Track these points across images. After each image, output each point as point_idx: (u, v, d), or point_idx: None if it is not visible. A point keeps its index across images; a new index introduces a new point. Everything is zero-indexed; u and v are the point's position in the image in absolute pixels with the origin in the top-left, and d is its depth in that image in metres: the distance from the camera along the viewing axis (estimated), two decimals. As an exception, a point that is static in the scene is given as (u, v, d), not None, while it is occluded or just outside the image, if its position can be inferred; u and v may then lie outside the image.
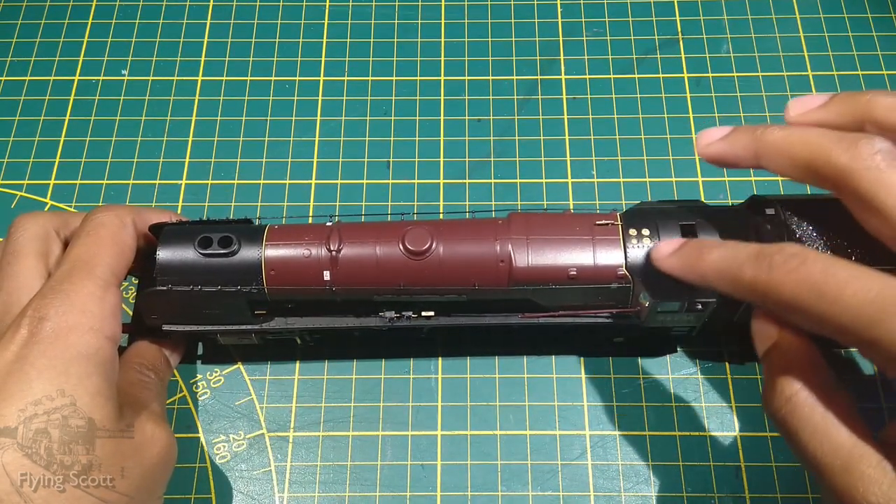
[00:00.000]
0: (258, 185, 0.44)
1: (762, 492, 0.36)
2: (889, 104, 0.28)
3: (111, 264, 0.31)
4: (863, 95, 0.29)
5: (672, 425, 0.38)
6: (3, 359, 0.28)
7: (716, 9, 0.49)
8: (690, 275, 0.30)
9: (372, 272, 0.34)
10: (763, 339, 0.29)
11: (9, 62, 0.49)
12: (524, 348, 0.39)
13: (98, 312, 0.29)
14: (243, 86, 0.48)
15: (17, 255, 0.32)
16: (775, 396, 0.28)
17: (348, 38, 0.49)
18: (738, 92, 0.46)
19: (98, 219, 0.32)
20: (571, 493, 0.36)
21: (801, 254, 0.26)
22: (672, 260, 0.31)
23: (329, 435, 0.38)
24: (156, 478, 0.30)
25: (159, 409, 0.33)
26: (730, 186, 0.43)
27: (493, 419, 0.38)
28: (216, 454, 0.37)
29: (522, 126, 0.46)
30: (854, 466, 0.25)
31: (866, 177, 0.26)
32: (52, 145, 0.46)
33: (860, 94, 0.29)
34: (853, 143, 0.26)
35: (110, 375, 0.29)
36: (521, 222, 0.35)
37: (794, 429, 0.27)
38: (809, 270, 0.25)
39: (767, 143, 0.29)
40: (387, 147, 0.45)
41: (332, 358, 0.40)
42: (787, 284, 0.26)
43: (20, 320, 0.28)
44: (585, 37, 0.49)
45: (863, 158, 0.26)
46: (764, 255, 0.27)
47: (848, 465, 0.25)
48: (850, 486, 0.25)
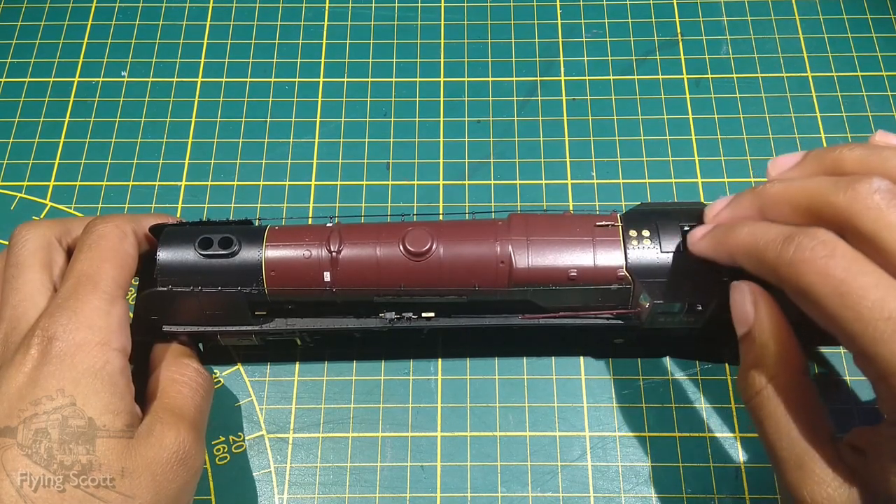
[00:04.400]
0: (258, 186, 0.44)
1: (762, 492, 0.36)
2: (857, 156, 0.28)
3: (115, 277, 0.31)
4: (832, 151, 0.29)
5: (672, 426, 0.38)
6: (16, 381, 0.28)
7: (715, 10, 0.49)
8: (720, 254, 0.30)
9: (372, 273, 0.34)
10: (740, 319, 0.30)
11: (8, 63, 0.49)
12: (524, 349, 0.39)
13: (105, 326, 0.29)
14: (243, 87, 0.48)
15: (21, 267, 0.32)
16: (747, 386, 0.29)
17: (348, 39, 0.49)
18: (738, 93, 0.46)
19: (98, 231, 0.32)
20: (571, 495, 0.36)
21: (831, 244, 0.26)
22: (703, 242, 0.31)
23: (329, 436, 0.38)
24: (169, 478, 0.29)
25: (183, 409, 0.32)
26: (729, 188, 0.44)
27: (493, 420, 0.38)
28: (216, 455, 0.37)
29: (522, 127, 0.46)
30: (806, 464, 0.26)
31: (867, 216, 0.25)
32: (51, 147, 0.46)
33: (830, 150, 0.29)
34: (851, 184, 0.26)
35: (120, 387, 0.29)
36: (521, 223, 0.35)
37: (759, 419, 0.28)
38: (834, 266, 0.25)
39: (769, 196, 0.29)
40: (386, 148, 0.45)
41: (332, 359, 0.40)
42: (809, 273, 0.25)
43: (30, 340, 0.29)
44: (585, 38, 0.49)
45: (862, 198, 0.26)
46: (793, 237, 0.26)
47: (801, 463, 0.26)
48: (800, 483, 0.26)
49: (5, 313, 0.31)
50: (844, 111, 0.46)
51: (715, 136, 0.45)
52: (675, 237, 0.34)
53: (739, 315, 0.30)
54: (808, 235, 0.26)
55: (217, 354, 0.39)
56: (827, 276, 0.25)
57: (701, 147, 0.45)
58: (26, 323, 0.30)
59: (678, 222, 0.34)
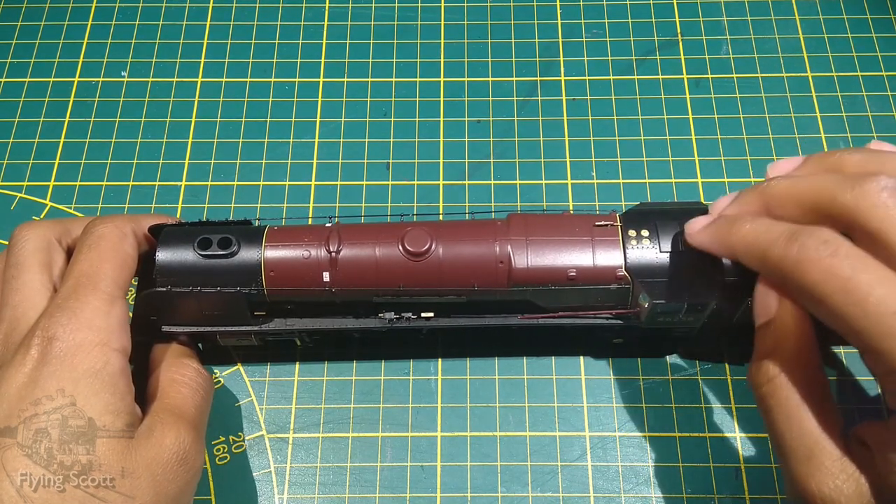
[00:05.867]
0: (258, 186, 0.44)
1: (762, 493, 0.36)
2: (858, 160, 0.28)
3: (114, 277, 0.31)
4: (832, 155, 0.29)
5: (672, 426, 0.38)
6: (16, 382, 0.28)
7: (715, 10, 0.49)
8: (720, 248, 0.30)
9: (371, 273, 0.34)
10: (762, 310, 0.29)
11: (8, 64, 0.49)
12: (524, 349, 0.39)
13: (105, 327, 0.29)
14: (243, 87, 0.48)
15: (21, 267, 0.32)
16: (759, 373, 0.28)
17: (348, 39, 0.49)
18: (738, 93, 0.46)
19: (98, 232, 0.32)
20: (571, 495, 0.36)
21: (834, 242, 0.26)
22: (703, 234, 0.31)
23: (329, 436, 0.38)
24: (169, 478, 0.29)
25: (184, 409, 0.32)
26: (729, 188, 0.43)
27: (493, 420, 0.38)
28: (216, 455, 0.37)
29: (522, 127, 0.46)
30: (816, 457, 0.26)
31: (874, 214, 0.25)
32: (51, 147, 0.46)
33: (830, 154, 0.29)
34: (858, 182, 0.26)
35: (120, 388, 0.29)
36: (520, 223, 0.35)
37: (769, 408, 0.28)
38: (839, 264, 0.25)
39: (774, 192, 0.29)
40: (386, 148, 0.45)
41: (332, 359, 0.40)
42: (813, 272, 0.25)
43: (30, 340, 0.29)
44: (585, 38, 0.49)
45: (869, 196, 0.26)
46: (796, 236, 0.26)
47: (811, 455, 0.26)
48: (808, 475, 0.26)
49: (5, 314, 0.31)
50: (844, 111, 0.46)
51: (715, 136, 0.45)
52: (675, 237, 0.34)
53: (762, 304, 0.29)
54: (811, 234, 0.26)
55: (217, 354, 0.39)
56: (832, 275, 0.25)
57: (701, 147, 0.45)
58: (26, 323, 0.30)
59: (677, 222, 0.34)
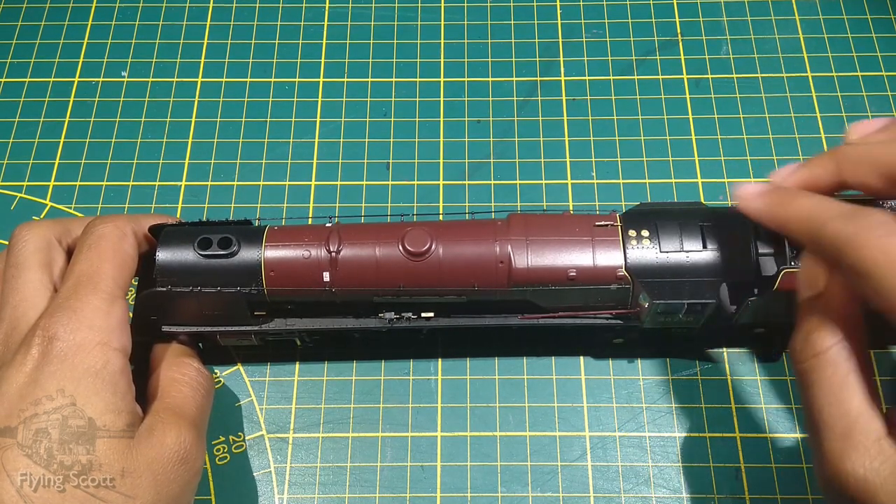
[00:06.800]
0: (258, 186, 0.44)
1: (762, 493, 0.36)
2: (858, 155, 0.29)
3: (115, 277, 0.31)
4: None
5: (672, 426, 0.38)
6: (17, 381, 0.28)
7: (715, 10, 0.49)
8: (773, 219, 0.30)
9: (371, 273, 0.34)
10: (809, 283, 0.28)
11: (8, 64, 0.49)
12: (524, 349, 0.39)
13: (105, 326, 0.29)
14: (243, 87, 0.48)
15: (21, 267, 0.32)
16: (805, 347, 0.28)
17: (348, 39, 0.49)
18: (738, 93, 0.46)
19: (98, 231, 0.32)
20: (571, 495, 0.36)
21: (889, 225, 0.25)
22: (758, 202, 0.30)
23: (329, 436, 0.38)
24: (170, 478, 0.29)
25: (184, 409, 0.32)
26: (729, 188, 0.43)
27: (493, 420, 0.38)
28: (216, 455, 0.37)
29: (522, 127, 0.46)
30: (854, 435, 0.26)
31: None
32: (51, 147, 0.46)
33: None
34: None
35: (121, 387, 0.29)
36: (520, 223, 0.35)
37: (811, 382, 0.27)
38: None
39: (850, 156, 0.29)
40: (386, 148, 0.45)
41: (332, 359, 0.40)
42: (870, 250, 0.25)
43: (30, 340, 0.29)
44: (585, 38, 0.49)
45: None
46: (855, 213, 0.26)
47: (849, 433, 0.26)
48: (843, 453, 0.25)
49: (5, 313, 0.31)
50: (844, 111, 0.46)
51: (715, 136, 0.45)
52: (675, 237, 0.34)
53: (810, 277, 0.28)
54: (870, 214, 0.26)
55: (217, 354, 0.39)
56: (889, 254, 0.24)
57: (701, 147, 0.45)
58: (26, 323, 0.30)
59: (678, 222, 0.34)
